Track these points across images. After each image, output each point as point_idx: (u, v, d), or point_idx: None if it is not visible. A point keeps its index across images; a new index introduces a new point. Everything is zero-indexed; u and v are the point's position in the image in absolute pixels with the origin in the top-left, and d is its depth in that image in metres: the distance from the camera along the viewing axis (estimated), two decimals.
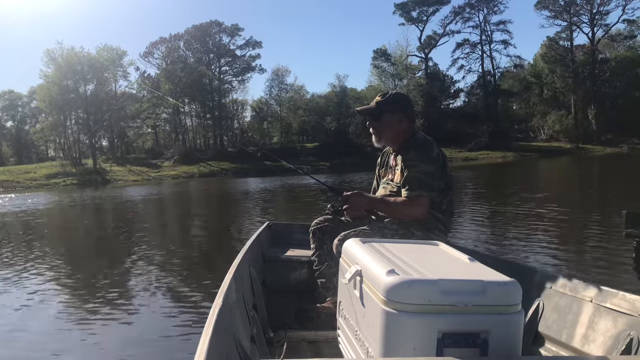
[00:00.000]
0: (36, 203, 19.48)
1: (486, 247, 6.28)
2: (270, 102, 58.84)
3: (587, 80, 51.84)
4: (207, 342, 1.31)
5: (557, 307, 1.94)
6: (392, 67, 56.47)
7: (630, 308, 1.64)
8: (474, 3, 55.17)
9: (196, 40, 56.46)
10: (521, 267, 2.30)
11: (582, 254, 5.80)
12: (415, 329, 1.35)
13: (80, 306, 4.37)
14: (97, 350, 3.38)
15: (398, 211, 2.41)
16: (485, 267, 1.58)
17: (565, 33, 54.28)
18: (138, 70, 55.09)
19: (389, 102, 2.54)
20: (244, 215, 12.09)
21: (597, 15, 52.24)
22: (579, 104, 51.85)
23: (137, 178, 40.24)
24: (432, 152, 2.42)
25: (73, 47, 47.10)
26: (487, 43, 56.04)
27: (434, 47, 57.88)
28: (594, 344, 1.71)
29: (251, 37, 57.84)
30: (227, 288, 1.82)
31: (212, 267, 5.84)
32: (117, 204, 17.57)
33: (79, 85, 47.95)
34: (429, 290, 1.36)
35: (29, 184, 36.45)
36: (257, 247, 3.01)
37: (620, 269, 4.85)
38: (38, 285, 5.21)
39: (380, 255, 1.66)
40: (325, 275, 2.50)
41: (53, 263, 6.60)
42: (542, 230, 7.40)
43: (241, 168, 41.07)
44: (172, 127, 57.58)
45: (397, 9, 56.94)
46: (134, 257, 6.69)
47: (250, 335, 1.96)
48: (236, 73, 58.72)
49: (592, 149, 46.25)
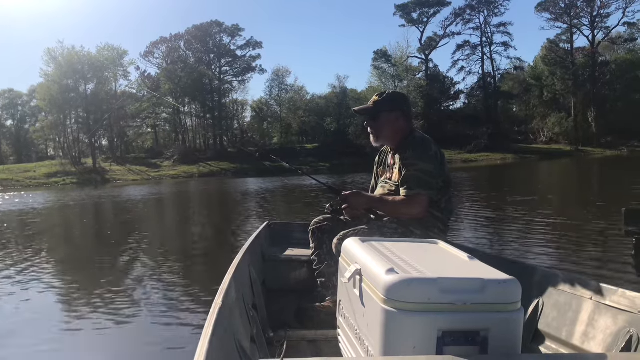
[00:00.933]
0: (33, 202, 19.46)
1: (485, 245, 6.28)
2: (270, 102, 58.90)
3: (587, 82, 51.91)
4: (207, 342, 1.31)
5: (556, 304, 1.94)
6: (393, 69, 56.49)
7: (630, 305, 1.64)
8: (474, 5, 55.30)
9: (197, 40, 56.44)
10: (521, 265, 2.31)
11: (582, 251, 5.79)
12: (415, 328, 1.35)
13: (77, 306, 4.32)
14: (96, 350, 3.35)
15: (397, 210, 2.41)
16: (485, 266, 1.58)
17: (566, 35, 54.44)
18: (138, 69, 55.11)
19: (386, 101, 2.53)
20: (243, 215, 12.07)
21: (598, 18, 52.38)
22: (579, 107, 51.90)
23: (136, 178, 40.20)
24: (430, 151, 2.42)
25: (74, 46, 47.14)
26: (487, 45, 56.18)
27: (434, 49, 58.04)
28: (593, 341, 1.71)
29: (252, 38, 57.92)
30: (226, 288, 1.82)
31: (212, 266, 5.82)
32: (117, 204, 17.54)
33: (79, 85, 47.90)
34: (429, 289, 1.36)
35: (28, 183, 36.43)
36: (257, 247, 3.01)
37: (620, 266, 4.85)
38: (36, 283, 5.17)
39: (380, 254, 1.66)
40: (325, 274, 2.50)
41: (50, 262, 6.57)
42: (542, 228, 7.40)
43: (241, 168, 41.08)
44: (172, 127, 57.55)
45: (397, 10, 57.11)
46: (133, 257, 6.67)
47: (250, 334, 1.96)
48: (236, 73, 58.73)
49: (591, 151, 46.29)
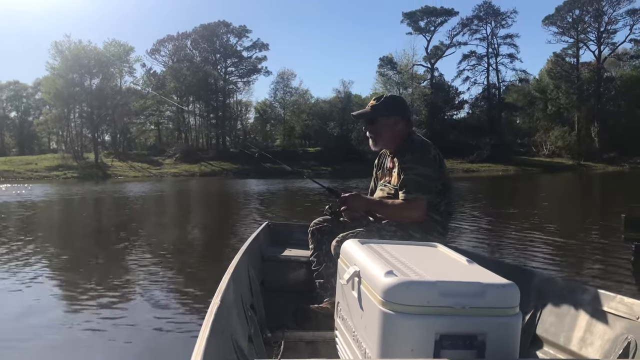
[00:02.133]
0: (31, 194, 19.45)
1: (484, 249, 6.27)
2: (274, 104, 58.95)
3: (591, 97, 51.95)
4: (204, 342, 1.31)
5: (555, 310, 1.94)
6: (398, 76, 56.56)
7: (628, 312, 1.64)
8: (482, 16, 55.42)
9: (203, 39, 56.58)
10: (520, 270, 2.30)
11: (581, 257, 5.80)
12: (413, 331, 1.35)
13: (74, 305, 4.24)
14: (93, 350, 3.31)
15: (396, 214, 2.41)
16: (484, 269, 1.58)
17: (572, 50, 54.46)
18: (144, 66, 55.30)
19: (384, 106, 2.52)
20: (243, 215, 12.07)
21: (605, 33, 52.47)
22: (582, 121, 51.92)
23: (137, 174, 40.21)
24: (429, 154, 2.41)
25: (81, 40, 47.16)
26: (493, 56, 56.25)
27: (440, 58, 58.08)
28: (591, 347, 1.71)
29: (258, 39, 58.03)
30: (225, 287, 1.82)
31: (211, 266, 5.81)
32: (117, 200, 17.55)
33: (85, 79, 47.98)
34: (427, 292, 1.36)
35: (29, 175, 36.47)
36: (256, 247, 3.00)
37: (618, 272, 4.85)
38: (30, 280, 5.13)
39: (379, 256, 1.65)
40: (323, 275, 2.50)
41: (46, 256, 6.56)
42: (541, 234, 7.41)
43: (242, 169, 41.10)
44: (175, 125, 57.64)
45: (405, 18, 57.24)
46: (131, 255, 6.63)
47: (248, 335, 1.96)
48: (242, 74, 58.82)
49: (594, 166, 46.26)
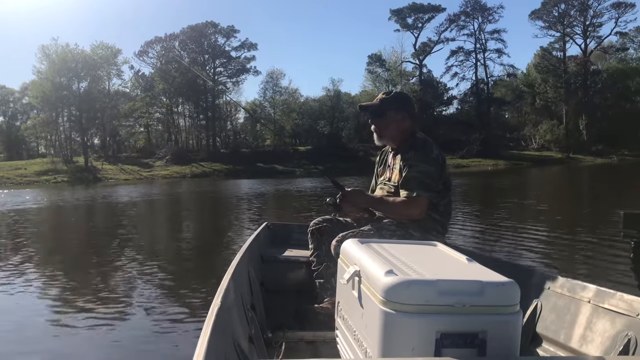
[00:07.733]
0: (24, 201, 19.23)
1: (482, 248, 6.28)
2: (264, 104, 58.78)
3: (579, 91, 52.37)
4: (205, 343, 1.31)
5: (555, 307, 1.95)
6: (387, 73, 56.69)
7: (628, 309, 1.65)
8: (469, 11, 55.59)
9: (191, 40, 56.24)
10: (519, 268, 2.31)
11: (580, 254, 5.81)
12: (413, 329, 1.35)
13: (73, 308, 4.25)
14: (93, 352, 3.31)
15: (396, 211, 2.42)
16: (484, 268, 1.58)
17: (559, 44, 54.93)
18: (132, 69, 54.90)
19: (394, 100, 2.53)
20: (242, 215, 12.04)
21: (590, 27, 52.91)
22: (570, 114, 52.34)
23: (128, 177, 39.97)
24: (432, 153, 2.43)
25: (68, 43, 46.88)
26: (481, 51, 56.41)
27: (428, 54, 58.21)
28: (591, 344, 1.72)
29: (247, 39, 57.82)
30: (225, 288, 1.81)
31: (211, 267, 5.80)
32: (109, 203, 17.42)
33: (72, 83, 47.64)
34: (427, 291, 1.36)
35: (18, 180, 36.13)
36: (256, 248, 2.99)
37: (618, 269, 4.86)
38: (27, 284, 5.12)
39: (379, 255, 1.65)
40: (323, 275, 2.50)
41: (41, 264, 6.52)
42: (540, 231, 7.44)
43: (233, 169, 41.05)
44: (165, 126, 57.29)
45: (392, 15, 57.29)
46: (129, 258, 6.58)
47: (249, 335, 1.96)
48: (231, 74, 58.57)
49: (582, 159, 46.67)
